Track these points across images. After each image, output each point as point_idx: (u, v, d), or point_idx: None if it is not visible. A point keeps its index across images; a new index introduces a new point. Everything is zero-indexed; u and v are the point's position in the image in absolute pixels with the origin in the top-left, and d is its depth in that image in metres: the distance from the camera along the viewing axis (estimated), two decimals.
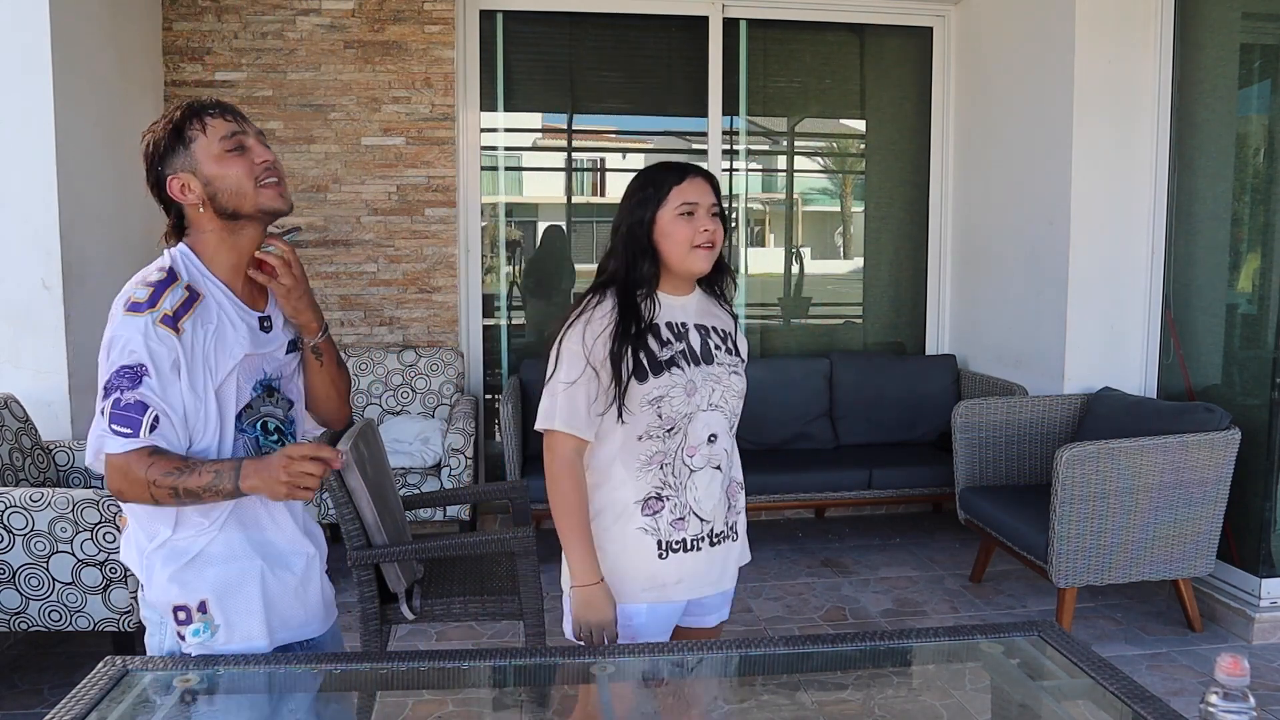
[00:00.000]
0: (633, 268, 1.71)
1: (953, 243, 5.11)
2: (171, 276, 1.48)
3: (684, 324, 1.75)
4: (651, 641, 1.73)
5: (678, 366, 1.69)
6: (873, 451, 4.54)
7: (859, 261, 5.33)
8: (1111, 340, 4.01)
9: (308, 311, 1.58)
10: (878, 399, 4.71)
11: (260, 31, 4.44)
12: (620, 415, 1.68)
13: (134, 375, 1.42)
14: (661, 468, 1.70)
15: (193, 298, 1.48)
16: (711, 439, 1.72)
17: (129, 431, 1.42)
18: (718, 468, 1.74)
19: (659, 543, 1.71)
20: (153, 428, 1.43)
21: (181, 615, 1.52)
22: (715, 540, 1.76)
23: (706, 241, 1.69)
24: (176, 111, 1.51)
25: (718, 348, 1.76)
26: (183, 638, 1.52)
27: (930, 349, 5.21)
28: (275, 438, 1.59)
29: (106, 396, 1.45)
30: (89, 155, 3.59)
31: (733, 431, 1.80)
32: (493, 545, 2.69)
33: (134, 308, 1.45)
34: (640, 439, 1.69)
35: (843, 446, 4.66)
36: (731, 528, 1.81)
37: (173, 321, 1.44)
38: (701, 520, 1.73)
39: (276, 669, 1.50)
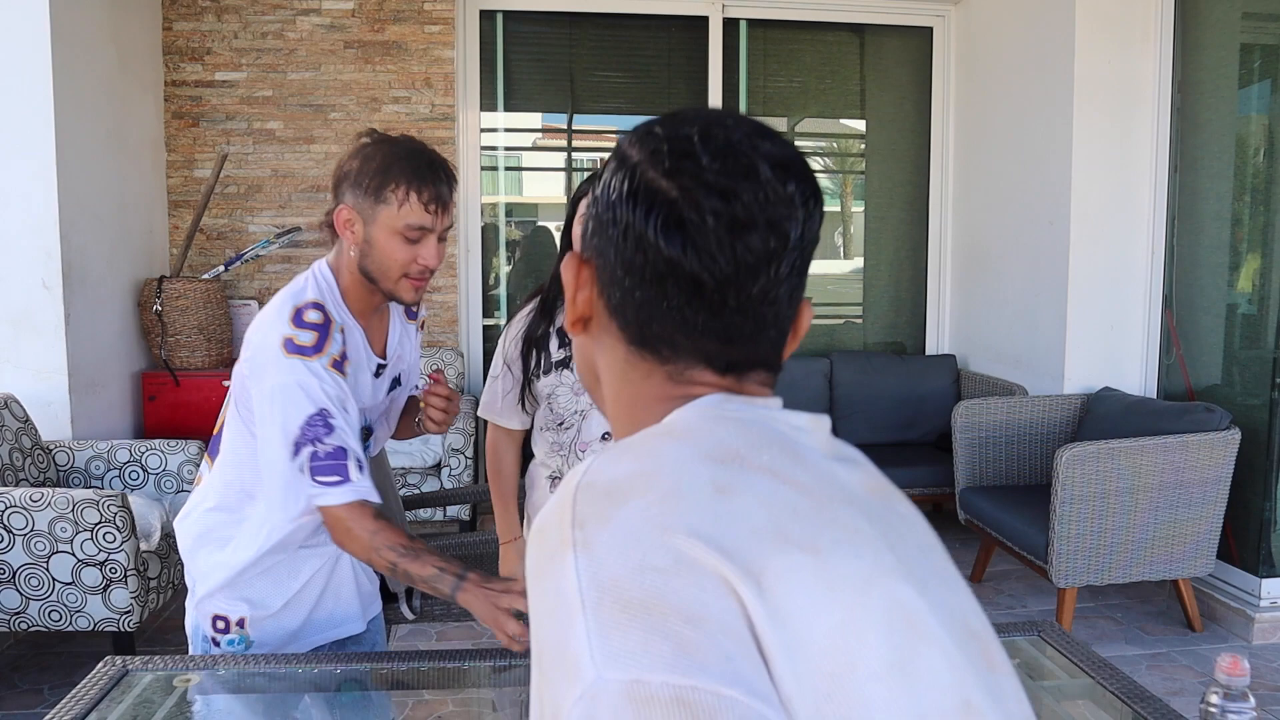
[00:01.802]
0: (554, 274, 1.84)
1: (953, 243, 5.12)
2: (328, 320, 1.43)
3: None
4: None
5: (567, 368, 1.81)
6: (873, 451, 4.50)
7: (859, 261, 5.33)
8: (1111, 340, 4.01)
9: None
10: (878, 399, 4.71)
11: (260, 31, 4.44)
12: (523, 406, 1.87)
13: (324, 422, 1.38)
14: (560, 455, 1.85)
15: (344, 342, 1.46)
16: (606, 437, 1.80)
17: (338, 479, 1.38)
18: None
19: None
20: (359, 468, 1.40)
21: (220, 624, 1.57)
22: None
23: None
24: (400, 158, 1.41)
25: None
26: (217, 644, 1.57)
27: (930, 349, 5.21)
28: None
29: (298, 452, 1.38)
30: (89, 155, 3.59)
31: None
32: (493, 545, 2.68)
33: (299, 351, 1.39)
34: (543, 429, 1.87)
35: None
36: None
37: (340, 365, 1.43)
38: None
39: (277, 669, 1.50)
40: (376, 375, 1.57)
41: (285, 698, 1.55)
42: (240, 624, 1.57)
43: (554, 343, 1.82)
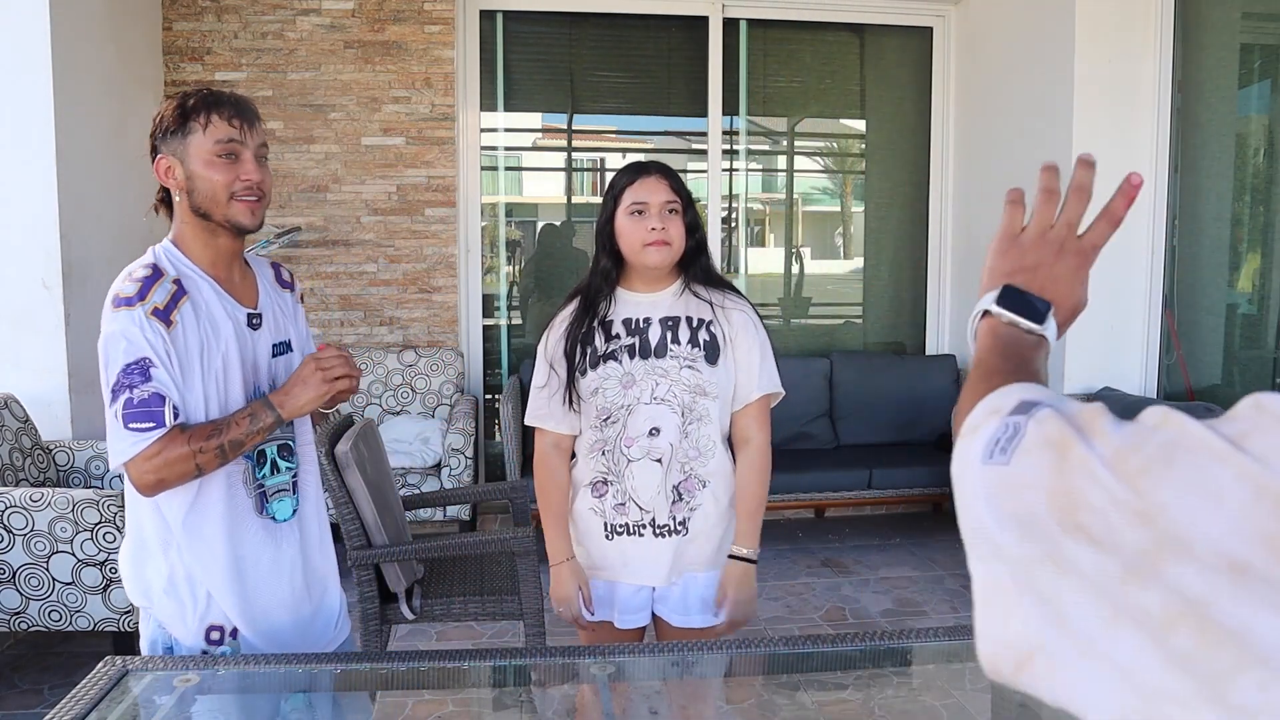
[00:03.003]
0: (594, 268, 1.83)
1: (953, 243, 5.11)
2: (157, 273, 1.47)
3: (646, 319, 1.79)
4: (631, 629, 1.85)
5: (615, 360, 1.77)
6: (873, 451, 4.53)
7: (859, 261, 5.33)
8: (1111, 340, 4.01)
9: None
10: (878, 399, 4.71)
11: (260, 31, 4.44)
12: (571, 404, 1.81)
13: (142, 369, 1.40)
14: (604, 454, 1.79)
15: (181, 292, 1.47)
16: (654, 432, 1.76)
17: (151, 425, 1.39)
18: (658, 461, 1.76)
19: (605, 524, 1.81)
20: (175, 415, 1.42)
21: (215, 635, 1.55)
22: (659, 532, 1.78)
23: (656, 239, 1.74)
24: (191, 97, 1.50)
25: (677, 341, 1.77)
26: (206, 652, 1.56)
27: (930, 349, 5.20)
28: (267, 470, 1.58)
29: (115, 398, 1.40)
30: (89, 155, 3.59)
31: (693, 425, 1.77)
32: (493, 545, 2.68)
33: (124, 303, 1.42)
34: (591, 427, 1.81)
35: (843, 446, 4.66)
36: (682, 523, 1.79)
37: (164, 315, 1.43)
38: (641, 509, 1.78)
39: (276, 669, 1.50)
40: (252, 327, 1.55)
41: (284, 698, 1.55)
42: (234, 633, 1.55)
43: (599, 336, 1.79)
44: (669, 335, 1.77)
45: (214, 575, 1.52)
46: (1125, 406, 3.65)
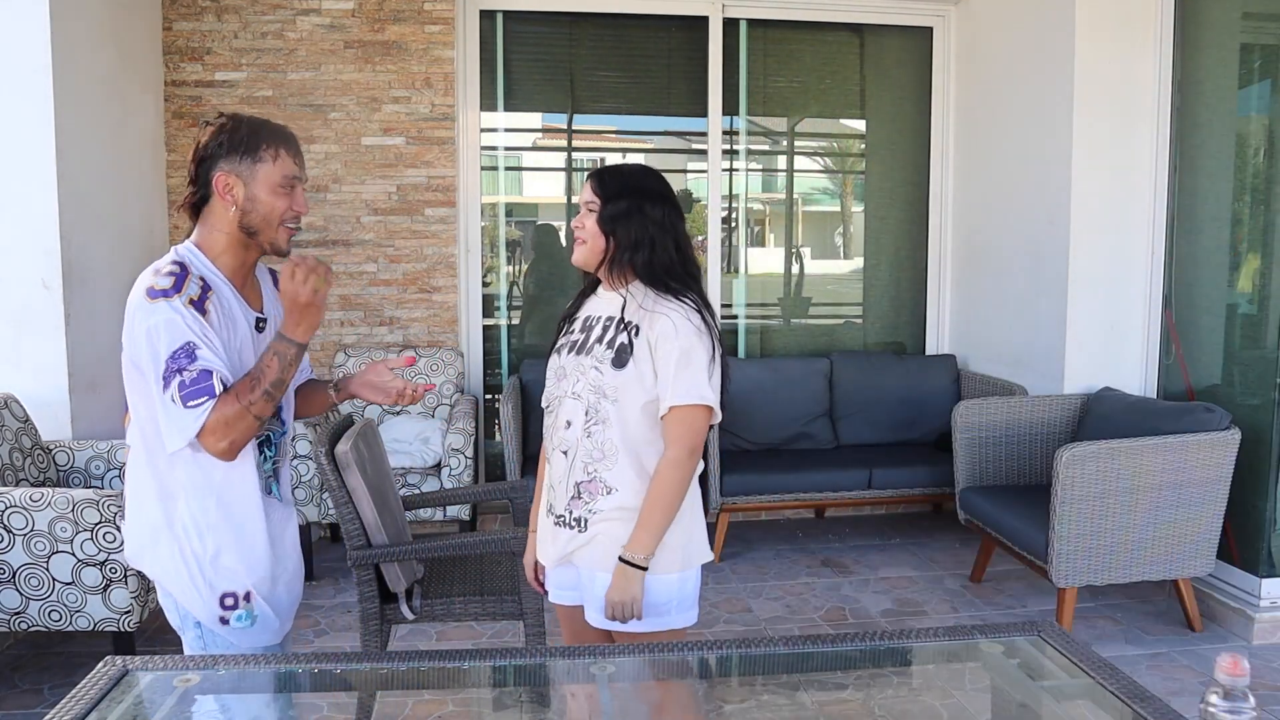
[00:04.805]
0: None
1: (953, 243, 5.11)
2: (184, 270, 1.58)
3: (597, 317, 1.86)
4: (564, 605, 1.93)
5: (558, 353, 1.88)
6: (873, 451, 4.53)
7: (859, 261, 5.33)
8: (1111, 340, 4.01)
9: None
10: (878, 399, 4.71)
11: (260, 31, 4.44)
12: None
13: (188, 352, 1.52)
14: (548, 438, 1.90)
15: (207, 288, 1.59)
16: (568, 425, 1.82)
17: (205, 399, 1.52)
18: (564, 453, 1.82)
19: (548, 505, 1.90)
20: (222, 386, 1.54)
21: (229, 601, 1.65)
22: (557, 520, 1.85)
23: (577, 238, 1.87)
24: (263, 125, 1.63)
25: (599, 340, 1.81)
26: (226, 622, 1.65)
27: (930, 349, 5.20)
28: (264, 454, 1.72)
29: (168, 384, 1.51)
30: (89, 155, 3.59)
31: (596, 426, 1.77)
32: (493, 545, 2.69)
33: (161, 294, 1.53)
34: (547, 413, 1.93)
35: (843, 446, 4.66)
36: (577, 520, 1.80)
37: (199, 306, 1.55)
38: (554, 495, 1.86)
39: (277, 668, 1.50)
40: (259, 330, 1.70)
41: (284, 698, 1.56)
42: (248, 597, 1.66)
43: (565, 329, 1.91)
44: (603, 335, 1.81)
45: (235, 548, 1.64)
46: (1125, 407, 3.66)
